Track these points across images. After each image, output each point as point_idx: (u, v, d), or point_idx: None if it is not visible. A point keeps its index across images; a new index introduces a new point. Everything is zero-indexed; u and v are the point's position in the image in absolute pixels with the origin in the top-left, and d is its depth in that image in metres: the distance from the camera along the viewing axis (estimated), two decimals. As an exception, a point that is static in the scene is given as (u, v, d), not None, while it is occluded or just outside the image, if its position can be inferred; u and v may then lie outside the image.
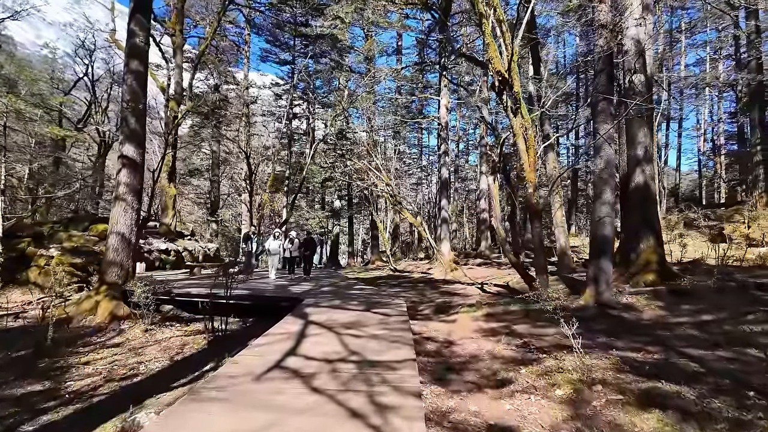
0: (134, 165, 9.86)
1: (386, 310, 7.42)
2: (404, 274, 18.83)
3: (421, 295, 11.52)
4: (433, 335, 7.39)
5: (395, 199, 17.23)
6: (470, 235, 46.23)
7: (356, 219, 42.25)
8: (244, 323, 9.22)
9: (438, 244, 18.43)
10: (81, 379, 5.65)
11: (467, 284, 12.77)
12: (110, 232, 9.67)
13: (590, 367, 5.08)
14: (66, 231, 15.27)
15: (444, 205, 20.88)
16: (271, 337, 5.39)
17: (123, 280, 9.47)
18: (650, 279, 8.74)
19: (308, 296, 9.01)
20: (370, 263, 29.93)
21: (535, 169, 8.14)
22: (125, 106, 9.90)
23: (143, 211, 13.57)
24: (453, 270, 15.87)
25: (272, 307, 8.92)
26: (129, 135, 9.84)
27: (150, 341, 7.66)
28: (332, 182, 30.83)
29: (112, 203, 9.90)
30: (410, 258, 33.27)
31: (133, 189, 9.83)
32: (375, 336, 5.53)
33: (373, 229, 30.08)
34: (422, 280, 15.10)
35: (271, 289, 10.30)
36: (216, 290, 8.18)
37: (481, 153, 25.05)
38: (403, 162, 33.53)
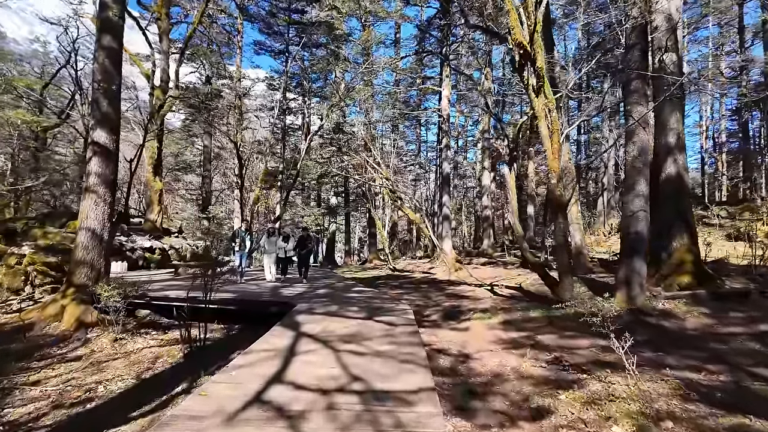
0: (107, 153, 8.79)
1: (391, 317, 6.43)
2: (404, 273, 17.86)
3: (426, 297, 10.54)
4: (445, 347, 6.43)
5: (395, 194, 16.24)
6: (468, 233, 45.41)
7: (353, 216, 41.25)
8: (228, 331, 8.20)
9: (440, 243, 17.46)
10: (23, 405, 4.64)
11: (475, 285, 11.81)
12: (80, 228, 8.61)
13: (648, 393, 4.11)
14: (41, 227, 14.17)
15: (445, 201, 19.91)
16: (254, 356, 4.38)
17: (94, 282, 8.41)
18: (685, 281, 7.79)
19: (301, 301, 8.00)
20: (368, 262, 28.94)
21: (559, 156, 7.16)
22: (96, 86, 8.82)
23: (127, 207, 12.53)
24: (457, 270, 14.90)
25: (260, 313, 7.91)
26: (101, 119, 8.77)
27: (118, 353, 6.63)
28: (328, 178, 29.80)
29: (82, 196, 8.84)
30: (409, 256, 32.31)
31: (106, 180, 8.77)
32: (380, 353, 4.54)
33: (371, 227, 29.10)
34: (425, 280, 14.13)
35: (260, 293, 9.28)
36: (196, 293, 7.17)
37: (483, 148, 24.09)
38: (401, 159, 32.57)
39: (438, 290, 11.59)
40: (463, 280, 13.35)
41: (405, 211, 15.98)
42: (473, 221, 44.38)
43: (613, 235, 22.83)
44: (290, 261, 13.43)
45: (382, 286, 13.04)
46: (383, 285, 13.25)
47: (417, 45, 25.76)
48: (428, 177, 45.89)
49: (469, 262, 18.51)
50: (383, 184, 17.12)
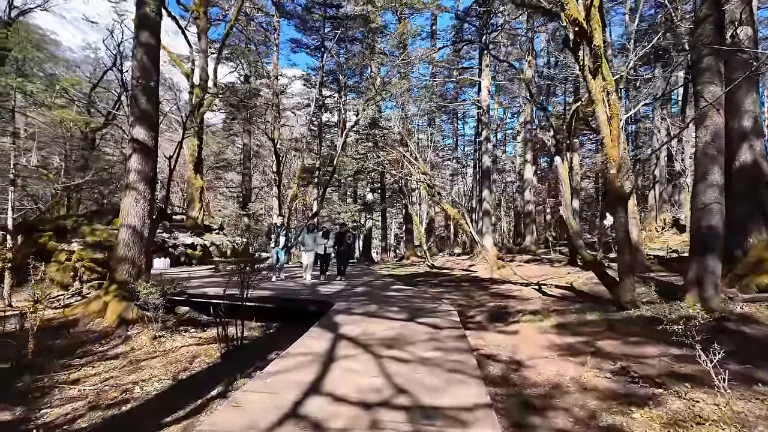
0: (146, 150, 8.81)
1: (434, 319, 6.01)
2: (443, 271, 17.34)
3: (468, 297, 10.03)
4: (494, 352, 5.94)
5: (432, 190, 15.74)
6: (508, 229, 44.13)
7: (389, 212, 40.94)
8: (266, 329, 8.03)
9: (480, 239, 16.82)
10: (61, 405, 4.55)
11: (520, 284, 11.18)
12: (121, 225, 8.68)
13: (743, 415, 3.51)
14: (89, 225, 14.61)
15: (485, 195, 19.23)
16: (290, 360, 4.08)
17: (135, 278, 8.46)
18: (765, 282, 6.93)
19: (339, 299, 7.71)
20: (405, 258, 28.57)
21: (619, 143, 6.50)
22: (135, 83, 8.85)
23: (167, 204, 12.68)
24: (500, 268, 14.26)
25: (298, 311, 7.69)
26: (139, 116, 8.80)
27: (157, 351, 6.56)
28: (364, 174, 29.61)
29: (123, 193, 8.91)
30: (447, 253, 31.70)
31: (145, 177, 8.79)
32: (426, 361, 4.14)
33: (407, 223, 28.68)
34: (466, 278, 13.58)
35: (297, 290, 9.07)
36: (233, 291, 7.01)
37: (525, 140, 23.12)
38: (437, 154, 31.92)
39: (481, 289, 11.04)
40: (507, 278, 12.73)
41: (443, 206, 15.46)
42: (513, 217, 43.15)
43: (666, 230, 21.41)
44: (329, 258, 12.76)
45: (421, 284, 12.61)
46: (422, 283, 12.82)
47: (454, 35, 25.03)
48: (466, 172, 44.96)
49: (512, 259, 17.77)
50: (420, 179, 16.65)
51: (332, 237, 12.06)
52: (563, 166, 8.55)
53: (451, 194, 18.39)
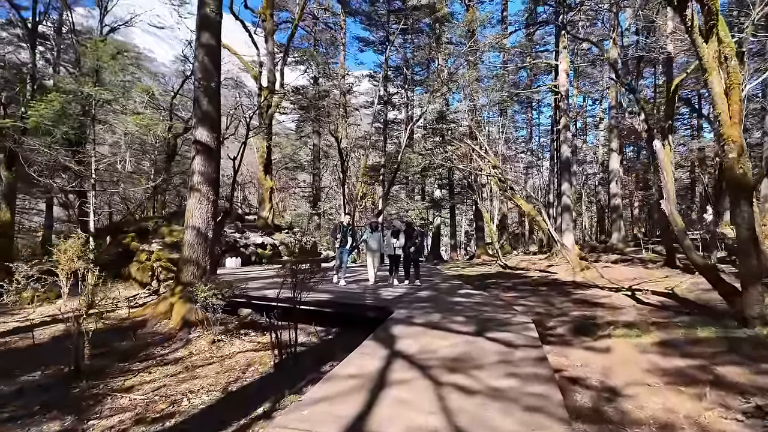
0: (208, 151, 8.82)
1: (507, 334, 5.19)
2: (517, 272, 16.11)
3: (547, 303, 8.96)
4: (581, 374, 5.00)
5: (505, 184, 14.61)
6: (590, 225, 40.93)
7: (458, 209, 39.70)
8: (326, 334, 7.64)
9: (559, 237, 15.36)
10: (109, 416, 4.41)
11: (608, 289, 9.85)
12: (186, 226, 8.76)
13: None
14: (168, 226, 15.37)
15: (565, 189, 17.61)
16: (335, 385, 3.54)
17: (199, 280, 8.49)
18: None
19: (400, 305, 7.10)
20: (475, 257, 27.36)
21: (739, 120, 5.22)
22: (197, 84, 8.89)
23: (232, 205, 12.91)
24: (583, 269, 12.84)
25: (356, 317, 7.21)
26: (201, 117, 8.82)
27: (214, 357, 6.39)
28: (432, 170, 28.81)
29: (188, 194, 9.01)
30: (521, 251, 29.96)
31: (208, 178, 8.80)
32: (497, 392, 3.39)
33: (478, 220, 27.43)
34: (543, 281, 12.37)
35: (358, 294, 8.58)
36: (289, 293, 6.67)
37: (610, 126, 20.95)
38: (509, 146, 30.18)
39: (561, 294, 9.87)
40: (592, 281, 11.36)
41: (517, 201, 14.29)
42: (595, 212, 39.95)
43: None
44: (398, 259, 11.30)
45: (492, 287, 11.64)
46: (493, 286, 11.84)
47: (527, 18, 23.39)
48: (541, 165, 42.38)
49: (596, 259, 16.08)
50: (491, 173, 15.56)
51: (400, 236, 10.77)
52: (665, 152, 7.21)
53: (525, 188, 17.06)
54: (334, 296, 8.04)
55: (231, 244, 14.82)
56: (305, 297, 6.67)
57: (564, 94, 17.91)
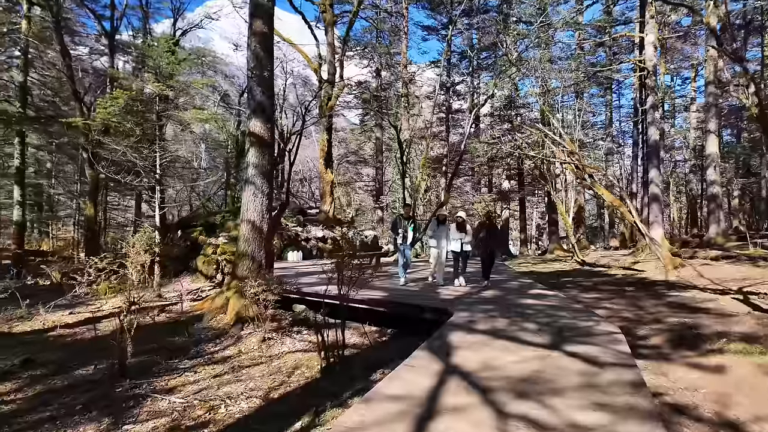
0: (263, 143, 8.60)
1: (590, 348, 4.29)
2: (597, 269, 14.61)
3: (636, 307, 7.73)
4: (687, 400, 4.00)
5: (582, 172, 13.16)
6: (678, 216, 37.04)
7: (529, 201, 37.61)
8: (381, 335, 7.10)
9: (647, 230, 13.60)
10: (145, 420, 4.16)
11: (712, 291, 8.36)
12: (241, 220, 8.63)
13: None
14: (234, 219, 15.70)
15: (653, 176, 15.67)
16: (373, 409, 2.93)
17: (255, 274, 8.32)
18: None
19: (461, 306, 6.35)
20: (548, 252, 25.60)
21: None
22: (250, 75, 8.69)
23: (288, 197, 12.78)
24: (677, 267, 11.20)
25: (412, 318, 6.58)
26: (255, 108, 8.60)
27: (263, 356, 6.08)
28: (499, 160, 27.31)
29: (242, 187, 8.86)
30: (601, 246, 27.73)
31: (263, 171, 8.58)
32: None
33: (551, 212, 25.61)
34: (628, 280, 10.94)
35: (415, 293, 7.92)
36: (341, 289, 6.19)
37: (707, 104, 18.34)
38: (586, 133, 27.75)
39: (653, 297, 8.53)
40: (689, 282, 9.80)
41: (598, 191, 12.80)
42: (684, 202, 36.04)
43: None
44: (468, 256, 9.51)
45: (569, 286, 10.45)
46: (570, 285, 10.63)
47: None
48: (622, 152, 38.93)
49: (692, 255, 14.09)
50: (566, 160, 14.13)
51: (467, 229, 9.21)
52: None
53: (606, 175, 15.38)
54: (390, 294, 7.47)
55: (292, 237, 14.81)
56: (358, 294, 6.17)
57: (651, 69, 15.89)
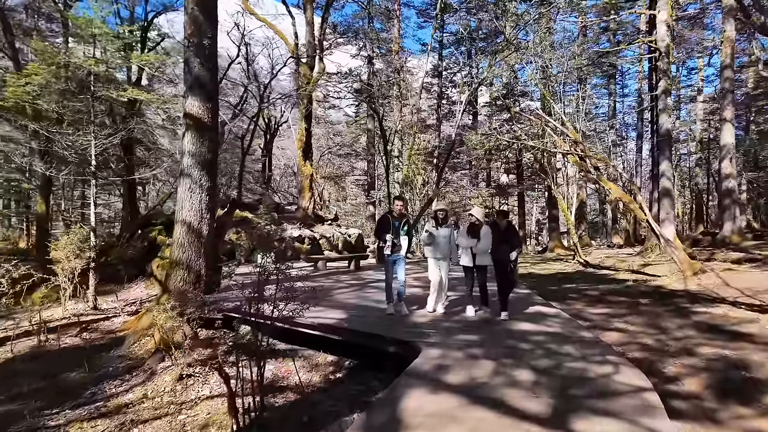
0: (201, 126, 7.07)
1: (610, 422, 2.79)
2: (602, 272, 13.13)
3: (657, 328, 6.23)
4: None
5: (586, 163, 11.64)
6: (682, 212, 35.55)
7: (528, 196, 36.12)
8: (336, 368, 5.59)
9: (659, 228, 12.08)
10: None
11: (748, 308, 6.85)
12: (176, 221, 7.12)
13: None
14: (200, 217, 14.21)
15: (664, 169, 14.12)
16: None
17: (192, 287, 6.83)
18: None
19: (433, 338, 4.82)
20: (548, 250, 24.12)
21: None
22: (186, 43, 7.13)
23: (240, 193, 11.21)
24: (696, 273, 9.69)
25: (373, 351, 5.07)
26: (192, 84, 7.07)
27: (172, 404, 4.60)
28: (497, 153, 25.77)
29: (178, 181, 7.34)
30: (604, 244, 26.23)
31: (202, 160, 7.06)
32: None
33: (552, 208, 24.08)
34: (642, 289, 9.42)
35: (376, 318, 6.13)
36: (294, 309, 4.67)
37: (722, 91, 16.74)
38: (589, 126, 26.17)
39: (675, 314, 7.02)
40: (715, 293, 8.29)
41: (604, 185, 11.29)
42: (689, 198, 34.62)
43: None
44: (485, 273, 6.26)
45: (572, 296, 8.95)
46: (573, 295, 9.13)
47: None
48: (625, 145, 37.39)
49: (709, 258, 12.57)
50: (568, 150, 12.60)
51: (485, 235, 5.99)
52: None
53: (615, 168, 13.85)
54: (345, 318, 5.94)
55: (263, 237, 13.28)
56: (310, 315, 4.71)
57: (664, 50, 14.29)
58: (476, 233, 6.02)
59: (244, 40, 20.42)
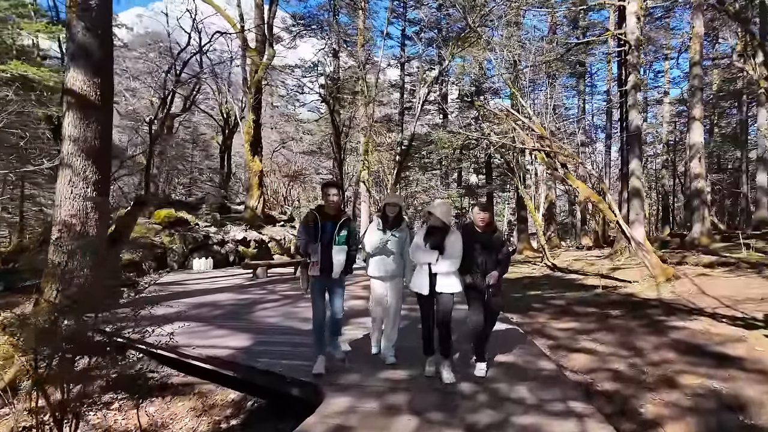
0: (86, 105, 5.74)
1: None
2: (570, 276, 12.36)
3: (630, 348, 5.28)
4: None
5: (553, 160, 10.78)
6: (650, 213, 35.74)
7: (500, 198, 35.59)
8: (235, 409, 4.37)
9: (629, 230, 11.33)
10: None
11: (731, 321, 5.99)
12: (53, 221, 5.77)
13: None
14: (128, 218, 12.70)
15: (634, 168, 13.51)
16: None
17: (73, 302, 5.49)
18: None
19: (343, 379, 3.66)
20: (516, 252, 23.43)
21: None
22: (68, 2, 5.79)
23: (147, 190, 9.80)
24: (670, 279, 8.91)
25: (276, 389, 3.89)
26: (75, 53, 5.73)
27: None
28: (467, 151, 24.95)
29: (58, 172, 5.97)
30: (572, 245, 25.78)
31: (87, 147, 5.73)
32: None
33: (520, 209, 23.41)
34: (612, 298, 8.55)
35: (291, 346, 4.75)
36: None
37: (692, 89, 16.29)
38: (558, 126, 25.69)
39: (650, 328, 6.09)
40: (691, 302, 7.45)
41: (572, 183, 10.44)
42: (655, 199, 34.85)
43: None
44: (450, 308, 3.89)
45: (536, 306, 8.01)
46: (537, 305, 8.18)
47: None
48: (594, 147, 37.27)
49: (680, 261, 11.91)
50: (535, 147, 11.73)
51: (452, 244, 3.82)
52: None
53: (583, 164, 13.07)
54: (258, 342, 4.74)
55: (200, 240, 11.89)
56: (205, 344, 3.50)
57: (633, 44, 13.64)
58: (438, 241, 3.79)
59: (196, 27, 18.92)
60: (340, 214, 4.01)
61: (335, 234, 3.90)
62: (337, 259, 3.87)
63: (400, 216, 4.29)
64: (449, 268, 3.79)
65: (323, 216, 3.93)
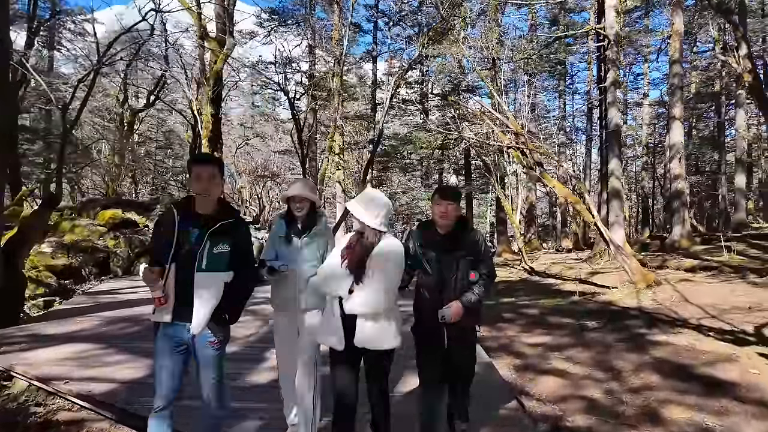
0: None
1: None
2: (547, 281, 11.72)
3: (607, 370, 4.57)
4: None
5: (530, 158, 10.12)
6: (629, 215, 35.70)
7: (482, 200, 35.01)
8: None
9: (608, 232, 10.74)
10: None
11: (718, 335, 5.34)
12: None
13: None
14: (73, 219, 11.64)
15: (613, 168, 12.99)
16: None
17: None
18: None
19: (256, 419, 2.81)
20: (496, 255, 22.85)
21: None
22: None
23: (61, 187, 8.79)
24: (650, 285, 8.29)
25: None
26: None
27: None
28: (447, 152, 24.36)
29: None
30: (553, 248, 25.30)
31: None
32: None
33: (499, 211, 22.85)
34: (589, 306, 7.88)
35: None
36: None
37: (672, 87, 15.88)
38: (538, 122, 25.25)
39: (630, 344, 5.39)
40: (673, 311, 6.80)
41: (549, 183, 9.81)
42: (634, 201, 34.82)
43: None
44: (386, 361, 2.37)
45: (508, 317, 7.28)
46: (508, 315, 7.46)
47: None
48: (575, 148, 37.00)
49: (661, 265, 11.38)
50: (512, 145, 11.07)
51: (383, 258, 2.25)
52: None
53: (560, 163, 12.50)
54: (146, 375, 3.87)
55: (148, 244, 10.95)
56: None
57: (612, 39, 13.13)
58: (358, 258, 2.28)
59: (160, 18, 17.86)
60: (221, 212, 2.19)
61: (202, 247, 2.05)
62: (200, 296, 2.04)
63: (313, 214, 2.67)
64: (373, 308, 2.19)
65: (190, 215, 2.12)
